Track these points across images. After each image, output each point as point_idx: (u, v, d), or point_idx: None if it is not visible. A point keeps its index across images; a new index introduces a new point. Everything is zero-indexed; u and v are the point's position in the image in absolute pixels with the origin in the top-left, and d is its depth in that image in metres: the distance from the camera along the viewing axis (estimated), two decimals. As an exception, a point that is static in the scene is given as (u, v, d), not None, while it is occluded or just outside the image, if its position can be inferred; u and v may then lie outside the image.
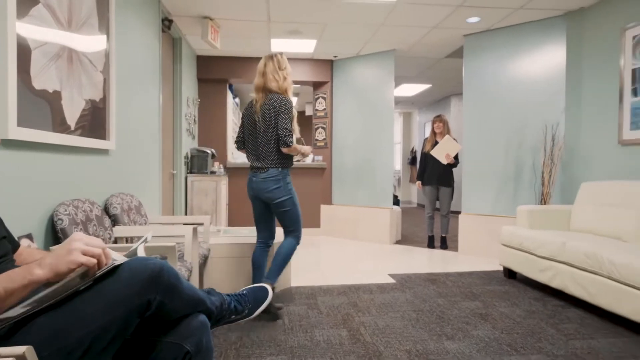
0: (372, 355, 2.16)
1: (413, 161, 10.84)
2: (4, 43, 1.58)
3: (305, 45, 5.30)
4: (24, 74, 1.72)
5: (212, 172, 5.26)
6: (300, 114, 13.04)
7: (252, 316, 1.50)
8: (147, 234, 1.32)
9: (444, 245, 5.11)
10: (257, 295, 1.53)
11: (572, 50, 4.07)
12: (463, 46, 4.86)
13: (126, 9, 2.95)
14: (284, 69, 2.75)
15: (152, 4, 3.58)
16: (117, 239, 2.42)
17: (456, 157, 4.92)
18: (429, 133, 5.32)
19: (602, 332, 2.47)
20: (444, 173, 5.02)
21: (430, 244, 5.19)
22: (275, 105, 2.66)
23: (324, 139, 6.14)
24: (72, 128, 2.14)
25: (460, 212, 4.88)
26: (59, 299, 0.97)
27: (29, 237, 1.77)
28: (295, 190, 2.82)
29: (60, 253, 0.95)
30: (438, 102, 9.69)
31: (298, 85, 7.45)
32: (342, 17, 4.31)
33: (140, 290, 1.02)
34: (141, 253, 1.15)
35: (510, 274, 3.70)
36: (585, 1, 3.83)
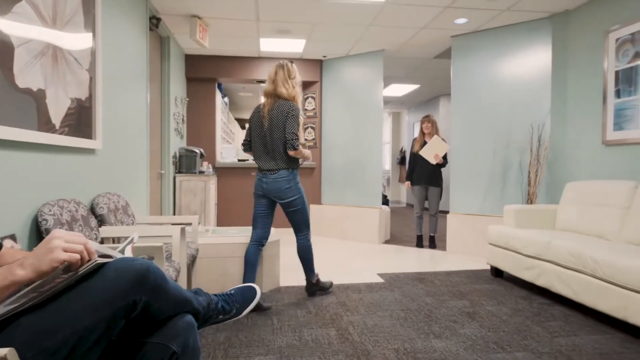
0: (361, 354, 2.17)
1: (402, 161, 10.89)
2: (-13, 40, 1.56)
3: (295, 45, 5.30)
4: (7, 71, 1.69)
5: (201, 172, 5.23)
6: (289, 114, 12.78)
7: (240, 316, 1.50)
8: (134, 234, 1.31)
9: (432, 245, 5.15)
10: (245, 295, 1.52)
11: (558, 52, 4.13)
12: (451, 47, 4.90)
13: (112, 7, 2.92)
14: (294, 78, 2.93)
15: (140, 2, 3.55)
16: (103, 239, 2.40)
17: (445, 157, 4.95)
18: (417, 133, 5.35)
19: (586, 329, 2.51)
20: (432, 173, 5.05)
21: (419, 244, 5.23)
22: (283, 111, 2.81)
23: (313, 139, 6.14)
24: (57, 127, 2.11)
25: (448, 212, 4.92)
26: (43, 298, 0.96)
27: (12, 237, 1.74)
28: None
29: (41, 252, 0.93)
30: (427, 102, 9.76)
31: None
32: (331, 17, 4.31)
33: (126, 291, 1.01)
34: (127, 253, 1.14)
35: (497, 272, 3.74)
36: (570, 4, 3.89)
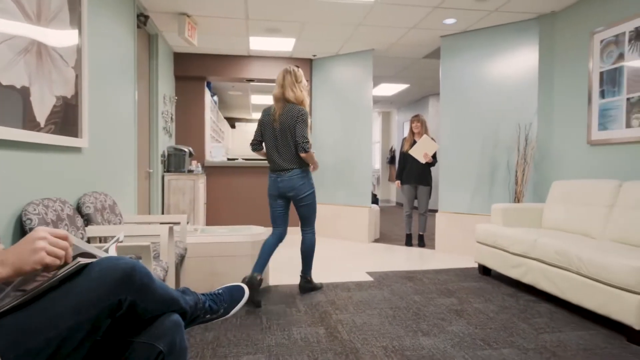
0: (349, 352, 2.18)
1: (392, 160, 10.94)
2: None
3: (284, 44, 5.29)
4: (-10, 68, 1.67)
5: (190, 171, 5.20)
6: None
7: (228, 315, 1.50)
8: (119, 234, 1.30)
9: (421, 243, 5.19)
10: (233, 294, 1.52)
11: (545, 53, 4.18)
12: (440, 47, 4.93)
13: (99, 4, 2.89)
14: (300, 82, 3.09)
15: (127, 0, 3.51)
16: (90, 238, 2.37)
17: (434, 157, 4.99)
18: (407, 132, 5.38)
19: (571, 325, 2.56)
20: (422, 172, 5.08)
21: (408, 242, 5.26)
22: (293, 115, 2.97)
23: (303, 138, 6.12)
24: (43, 125, 2.08)
25: (437, 211, 4.96)
26: (26, 298, 0.94)
27: (-4, 237, 1.72)
28: None
29: (24, 251, 0.92)
30: (416, 102, 9.81)
31: (277, 84, 7.42)
32: (320, 16, 4.31)
33: (110, 290, 1.00)
34: (112, 253, 1.13)
35: (485, 270, 3.78)
36: (556, 5, 3.94)
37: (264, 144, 3.18)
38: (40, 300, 0.96)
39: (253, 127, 13.40)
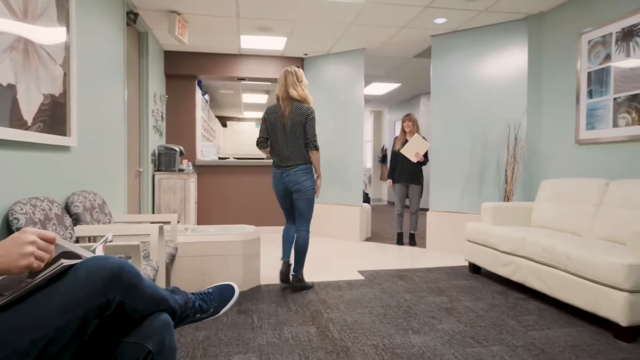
0: (340, 350, 2.18)
1: (383, 159, 10.97)
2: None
3: (276, 43, 5.28)
4: (-24, 66, 1.64)
5: (181, 170, 5.17)
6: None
7: (218, 315, 1.49)
8: (108, 234, 1.29)
9: (412, 242, 5.21)
10: (223, 293, 1.51)
11: (533, 53, 4.22)
12: (431, 46, 4.95)
13: (88, 1, 2.86)
14: (302, 81, 3.26)
15: (116, -3, 3.48)
16: (78, 238, 2.35)
17: (426, 156, 5.01)
18: (399, 132, 5.40)
19: (559, 322, 2.59)
20: (413, 171, 5.11)
21: (399, 241, 5.28)
22: (303, 113, 3.14)
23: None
24: (30, 124, 2.06)
25: (428, 209, 4.99)
26: (13, 298, 0.94)
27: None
28: (267, 188, 2.93)
29: (12, 253, 0.91)
30: (408, 101, 9.85)
31: (269, 83, 7.41)
32: (312, 15, 4.31)
33: (98, 290, 0.99)
34: (99, 253, 1.12)
35: (475, 269, 3.81)
36: (544, 5, 3.98)
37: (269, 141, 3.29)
38: (27, 300, 0.95)
39: (245, 125, 13.39)
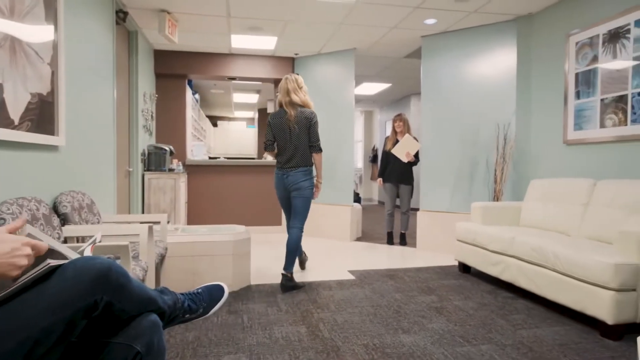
0: (330, 350, 2.19)
1: (374, 159, 11.00)
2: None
3: (266, 42, 5.27)
4: (-39, 64, 1.62)
5: (171, 170, 5.13)
6: (262, 112, 12.87)
7: (208, 315, 1.49)
8: (97, 234, 1.28)
9: (403, 242, 5.23)
10: (212, 294, 1.51)
11: (522, 54, 4.27)
12: (421, 47, 4.98)
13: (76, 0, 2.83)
14: (302, 87, 3.41)
15: (105, -5, 3.44)
16: (67, 238, 2.32)
17: (416, 156, 5.03)
18: (390, 132, 5.41)
19: (547, 321, 2.62)
20: (404, 171, 5.13)
21: (389, 241, 5.30)
22: (307, 117, 3.33)
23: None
24: (17, 123, 2.03)
25: (418, 209, 5.01)
26: None
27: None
28: (257, 188, 2.94)
29: (1, 250, 0.90)
30: (399, 101, 9.89)
31: (259, 83, 7.39)
32: (302, 14, 4.31)
33: (86, 291, 0.98)
34: (87, 254, 1.11)
35: (464, 268, 3.84)
36: (533, 7, 4.03)
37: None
38: (11, 302, 0.94)
39: (235, 125, 13.35)
